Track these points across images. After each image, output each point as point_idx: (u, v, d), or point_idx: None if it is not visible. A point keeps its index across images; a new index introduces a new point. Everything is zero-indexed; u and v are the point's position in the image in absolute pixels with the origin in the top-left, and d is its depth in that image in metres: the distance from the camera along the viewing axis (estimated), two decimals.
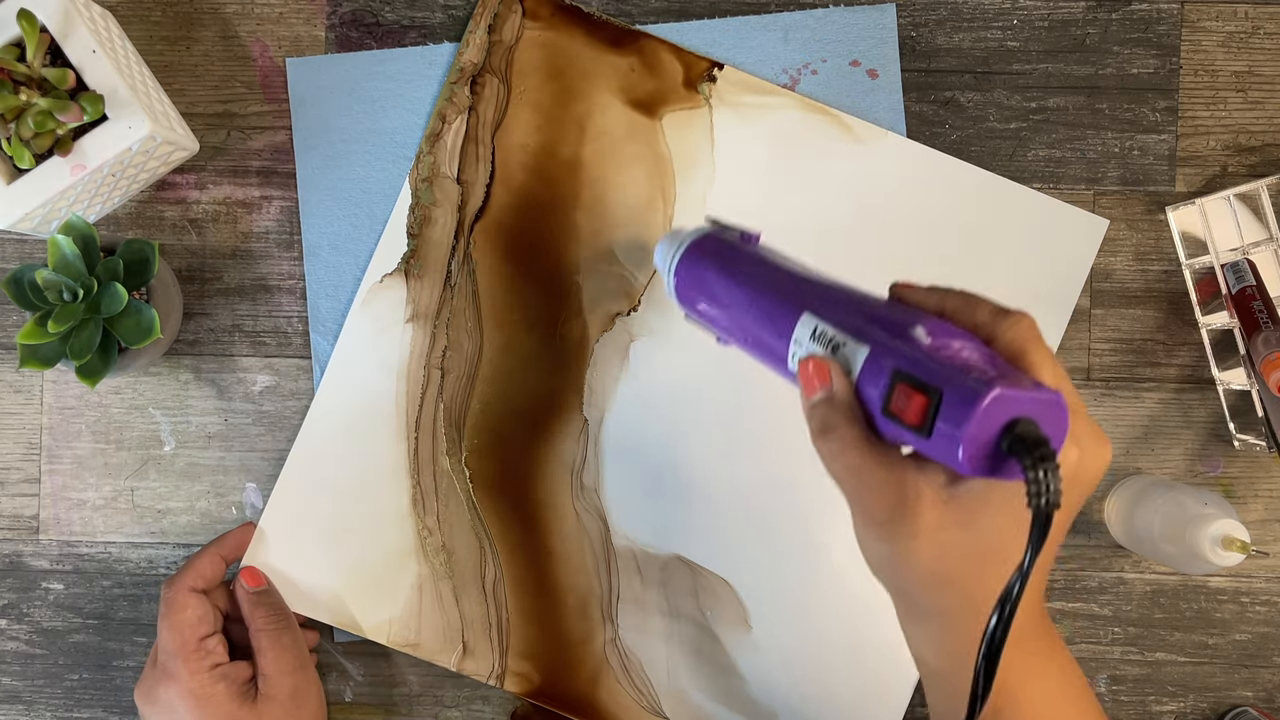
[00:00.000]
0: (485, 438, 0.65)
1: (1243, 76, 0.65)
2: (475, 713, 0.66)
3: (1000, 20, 0.65)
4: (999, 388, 0.34)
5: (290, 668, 0.59)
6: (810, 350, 0.42)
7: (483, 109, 0.65)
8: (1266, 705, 0.65)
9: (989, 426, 0.34)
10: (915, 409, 0.36)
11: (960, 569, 0.38)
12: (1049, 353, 0.38)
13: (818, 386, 0.41)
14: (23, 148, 0.54)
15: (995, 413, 0.34)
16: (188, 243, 0.66)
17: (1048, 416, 0.35)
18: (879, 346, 0.39)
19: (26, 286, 0.56)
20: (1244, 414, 0.63)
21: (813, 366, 0.41)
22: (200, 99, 0.66)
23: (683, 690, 0.64)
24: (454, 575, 0.65)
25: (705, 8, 0.65)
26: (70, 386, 0.66)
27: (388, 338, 0.65)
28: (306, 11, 0.66)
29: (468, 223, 0.65)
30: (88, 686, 0.67)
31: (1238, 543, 0.55)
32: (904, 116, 0.65)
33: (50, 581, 0.66)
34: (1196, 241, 0.64)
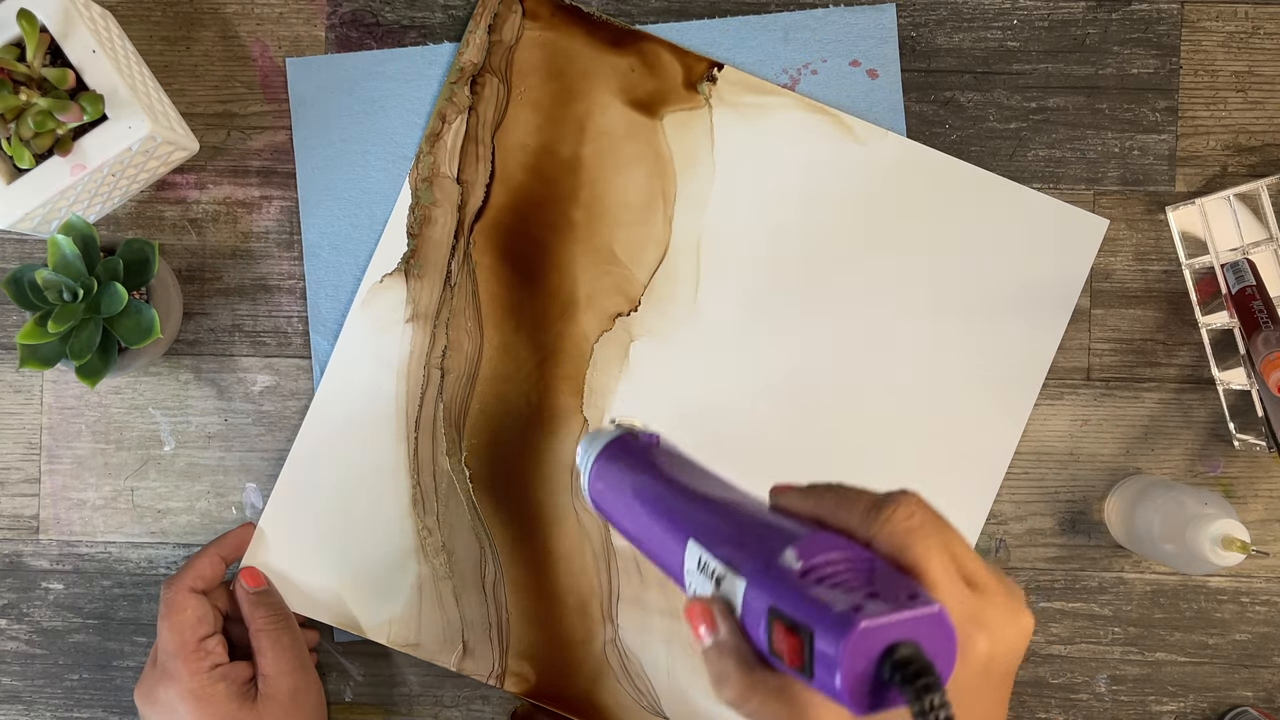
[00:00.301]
0: (485, 437, 0.65)
1: (1243, 76, 0.65)
2: (475, 713, 0.66)
3: (1000, 20, 0.65)
4: (864, 620, 0.32)
5: (290, 668, 0.59)
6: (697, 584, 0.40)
7: (483, 109, 0.65)
8: (1266, 705, 0.65)
9: (864, 659, 0.32)
10: (792, 650, 0.34)
11: None
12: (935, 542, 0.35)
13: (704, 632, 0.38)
14: (23, 148, 0.54)
15: (867, 644, 0.32)
16: (188, 243, 0.66)
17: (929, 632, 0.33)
18: (754, 581, 0.36)
19: (26, 286, 0.56)
20: (1244, 414, 0.63)
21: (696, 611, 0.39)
22: (200, 99, 0.66)
23: (683, 690, 0.64)
24: (454, 575, 0.65)
25: (705, 8, 0.65)
26: (70, 386, 0.66)
27: (388, 338, 0.65)
28: (306, 11, 0.66)
29: (468, 223, 0.65)
30: (88, 686, 0.67)
31: (1238, 543, 0.55)
32: (904, 116, 0.65)
33: (50, 581, 0.66)
34: (1196, 241, 0.64)
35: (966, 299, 0.65)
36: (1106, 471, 0.65)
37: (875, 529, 0.36)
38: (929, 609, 0.33)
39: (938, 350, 0.65)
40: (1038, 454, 0.65)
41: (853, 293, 0.65)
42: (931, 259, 0.65)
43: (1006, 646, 0.36)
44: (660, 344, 0.65)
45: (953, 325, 0.64)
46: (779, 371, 0.65)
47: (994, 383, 0.65)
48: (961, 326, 0.64)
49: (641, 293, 0.65)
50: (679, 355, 0.65)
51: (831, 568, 0.35)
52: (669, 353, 0.65)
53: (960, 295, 0.64)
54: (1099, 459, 0.65)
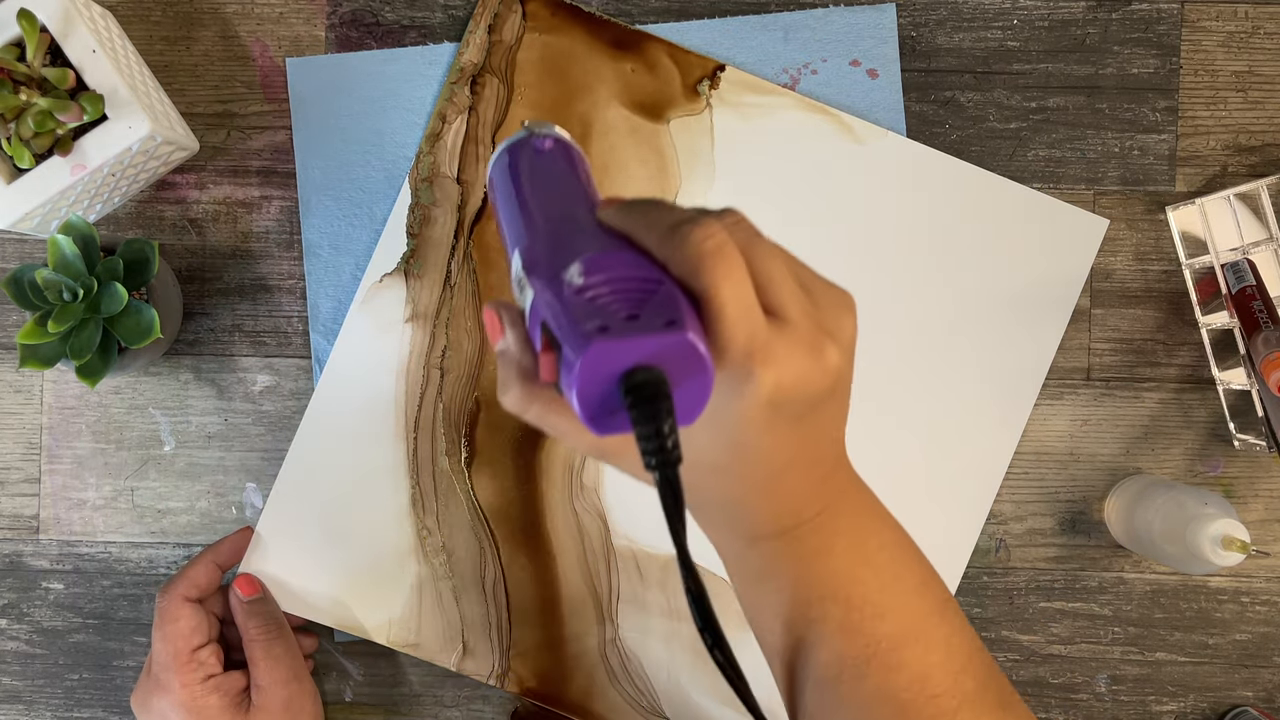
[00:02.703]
0: (485, 438, 0.65)
1: (1243, 76, 0.65)
2: (475, 713, 0.66)
3: (1000, 20, 0.65)
4: (599, 340, 0.31)
5: (283, 679, 0.59)
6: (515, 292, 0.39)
7: (483, 109, 0.65)
8: (1266, 705, 0.65)
9: (600, 380, 0.31)
10: (548, 365, 0.33)
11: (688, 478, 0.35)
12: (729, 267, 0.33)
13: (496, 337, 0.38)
14: (23, 148, 0.54)
15: (603, 365, 0.31)
16: (188, 243, 0.66)
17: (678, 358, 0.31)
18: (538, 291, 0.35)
19: (26, 286, 0.56)
20: (1244, 414, 0.63)
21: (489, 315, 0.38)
22: (200, 99, 0.66)
23: (683, 690, 0.64)
24: (454, 575, 0.64)
25: (705, 8, 0.65)
26: (70, 386, 0.66)
27: (387, 337, 0.65)
28: (306, 11, 0.66)
29: (467, 223, 0.65)
30: (88, 686, 0.67)
31: (1238, 543, 0.55)
32: (904, 116, 0.65)
33: (50, 581, 0.66)
34: (1196, 241, 0.64)
35: (966, 299, 0.65)
36: (1106, 471, 0.65)
37: (670, 249, 0.34)
38: (673, 335, 0.31)
39: (938, 350, 0.65)
40: (1038, 454, 0.65)
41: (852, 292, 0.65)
42: (931, 259, 0.65)
43: (795, 380, 0.34)
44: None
45: (953, 325, 0.64)
46: None
47: (994, 382, 0.65)
48: (961, 326, 0.64)
49: None
50: None
51: (608, 287, 0.33)
52: None
53: (960, 295, 0.64)
54: (1099, 459, 0.65)
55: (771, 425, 0.35)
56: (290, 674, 0.59)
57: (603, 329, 0.31)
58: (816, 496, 0.40)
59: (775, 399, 0.34)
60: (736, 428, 0.35)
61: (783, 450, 0.37)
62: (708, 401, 0.32)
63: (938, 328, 0.65)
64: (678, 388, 0.31)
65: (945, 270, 0.65)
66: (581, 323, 0.32)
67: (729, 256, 0.33)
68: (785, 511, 0.39)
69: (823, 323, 0.35)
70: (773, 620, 0.41)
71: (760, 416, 0.34)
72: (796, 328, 0.34)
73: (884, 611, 0.40)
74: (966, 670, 0.40)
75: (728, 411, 0.34)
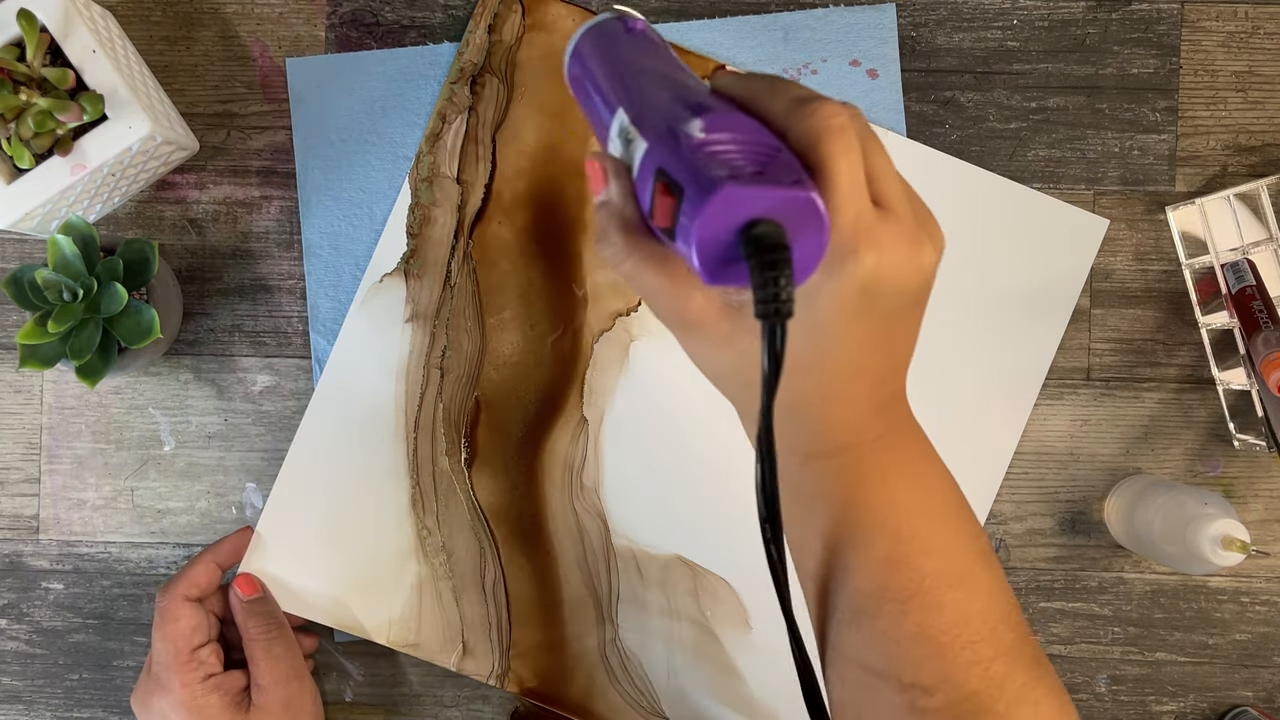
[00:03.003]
0: (485, 438, 0.65)
1: (1243, 76, 0.65)
2: (475, 713, 0.66)
3: (1000, 20, 0.65)
4: (729, 185, 0.31)
5: (283, 678, 0.59)
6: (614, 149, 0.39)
7: (483, 109, 0.65)
8: (1266, 705, 0.65)
9: (722, 228, 0.31)
10: (664, 210, 0.33)
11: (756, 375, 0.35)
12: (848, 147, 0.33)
13: (599, 188, 0.38)
14: (23, 148, 0.54)
15: (728, 213, 0.31)
16: (188, 243, 0.66)
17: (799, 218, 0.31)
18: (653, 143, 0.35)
19: (26, 286, 0.56)
20: (1244, 414, 0.63)
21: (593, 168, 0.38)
22: (200, 99, 0.66)
23: (683, 690, 0.64)
24: (454, 575, 0.65)
25: (705, 8, 0.65)
26: (70, 386, 0.66)
27: (387, 338, 0.65)
28: (306, 11, 0.66)
29: (467, 223, 0.65)
30: (88, 686, 0.67)
31: (1238, 543, 0.55)
32: (904, 116, 0.65)
33: (50, 581, 0.66)
34: (1196, 241, 0.64)
35: (966, 299, 0.65)
36: (1106, 471, 0.65)
37: (794, 120, 0.34)
38: (800, 191, 0.31)
39: (937, 350, 0.65)
40: (1038, 454, 0.65)
41: None
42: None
43: (894, 271, 0.35)
44: (660, 344, 0.65)
45: (953, 325, 0.64)
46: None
47: (994, 383, 0.65)
48: (961, 326, 0.64)
49: None
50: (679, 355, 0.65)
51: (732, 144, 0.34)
52: (669, 353, 0.65)
53: (960, 295, 0.64)
54: (1099, 459, 0.65)
55: (858, 315, 0.35)
56: (290, 673, 0.59)
57: (731, 177, 0.31)
58: (878, 418, 0.40)
59: (870, 284, 0.34)
60: (825, 310, 0.35)
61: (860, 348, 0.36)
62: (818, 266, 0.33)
63: (938, 328, 0.65)
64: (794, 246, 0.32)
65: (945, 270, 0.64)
66: (708, 169, 0.32)
67: (850, 136, 0.33)
68: (846, 425, 0.39)
69: (924, 223, 0.36)
70: (814, 541, 0.41)
71: (852, 300, 0.34)
72: (901, 219, 0.35)
73: (931, 549, 0.39)
74: (1006, 622, 0.39)
75: (822, 292, 0.34)
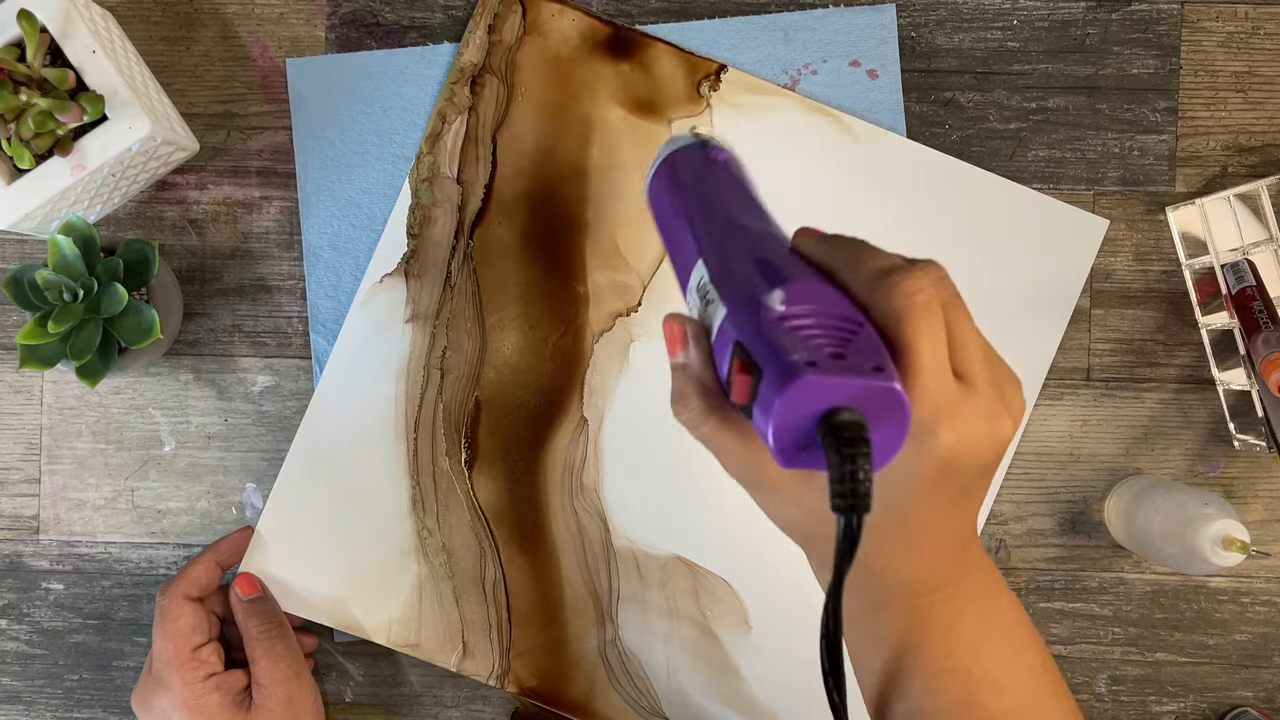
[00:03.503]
0: (485, 438, 0.65)
1: (1243, 76, 0.65)
2: (475, 713, 0.66)
3: (1000, 20, 0.65)
4: (811, 374, 0.30)
5: (284, 677, 0.59)
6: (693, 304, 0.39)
7: (483, 109, 0.65)
8: (1266, 705, 0.65)
9: (800, 414, 0.31)
10: (741, 387, 0.33)
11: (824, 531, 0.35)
12: (931, 323, 0.33)
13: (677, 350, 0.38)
14: (23, 148, 0.54)
15: (807, 398, 0.31)
16: (188, 243, 0.66)
17: (881, 407, 0.31)
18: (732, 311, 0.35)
19: (26, 286, 0.56)
20: (1244, 414, 0.63)
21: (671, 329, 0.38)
22: (200, 99, 0.66)
23: (682, 690, 0.64)
24: (454, 575, 0.64)
25: (705, 8, 0.65)
26: (70, 386, 0.66)
27: (387, 338, 0.65)
28: (306, 11, 0.66)
29: (467, 223, 0.65)
30: (88, 686, 0.67)
31: (1238, 543, 0.55)
32: (904, 116, 0.65)
33: (50, 581, 0.66)
34: (1196, 241, 0.64)
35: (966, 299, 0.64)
36: (1106, 471, 0.65)
37: (876, 295, 0.34)
38: (883, 382, 0.31)
39: None
40: (1038, 454, 0.65)
41: None
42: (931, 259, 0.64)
43: (972, 446, 0.34)
44: (660, 344, 0.65)
45: None
46: None
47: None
48: None
49: (642, 293, 0.65)
50: None
51: (813, 320, 0.33)
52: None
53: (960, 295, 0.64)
54: (1099, 459, 0.65)
55: (935, 487, 0.35)
56: (291, 672, 0.59)
57: (810, 363, 0.31)
58: (951, 567, 0.40)
59: (950, 461, 0.34)
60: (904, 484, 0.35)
61: (936, 515, 0.37)
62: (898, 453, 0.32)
63: None
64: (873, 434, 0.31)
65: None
66: (789, 353, 0.32)
67: (934, 313, 0.33)
68: (919, 578, 0.39)
69: (1003, 394, 0.36)
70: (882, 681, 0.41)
71: (931, 475, 0.34)
72: (982, 394, 0.35)
73: (1002, 686, 0.40)
74: None
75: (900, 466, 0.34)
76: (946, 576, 0.40)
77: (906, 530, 0.37)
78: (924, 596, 0.40)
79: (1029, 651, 0.42)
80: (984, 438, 0.35)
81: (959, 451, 0.34)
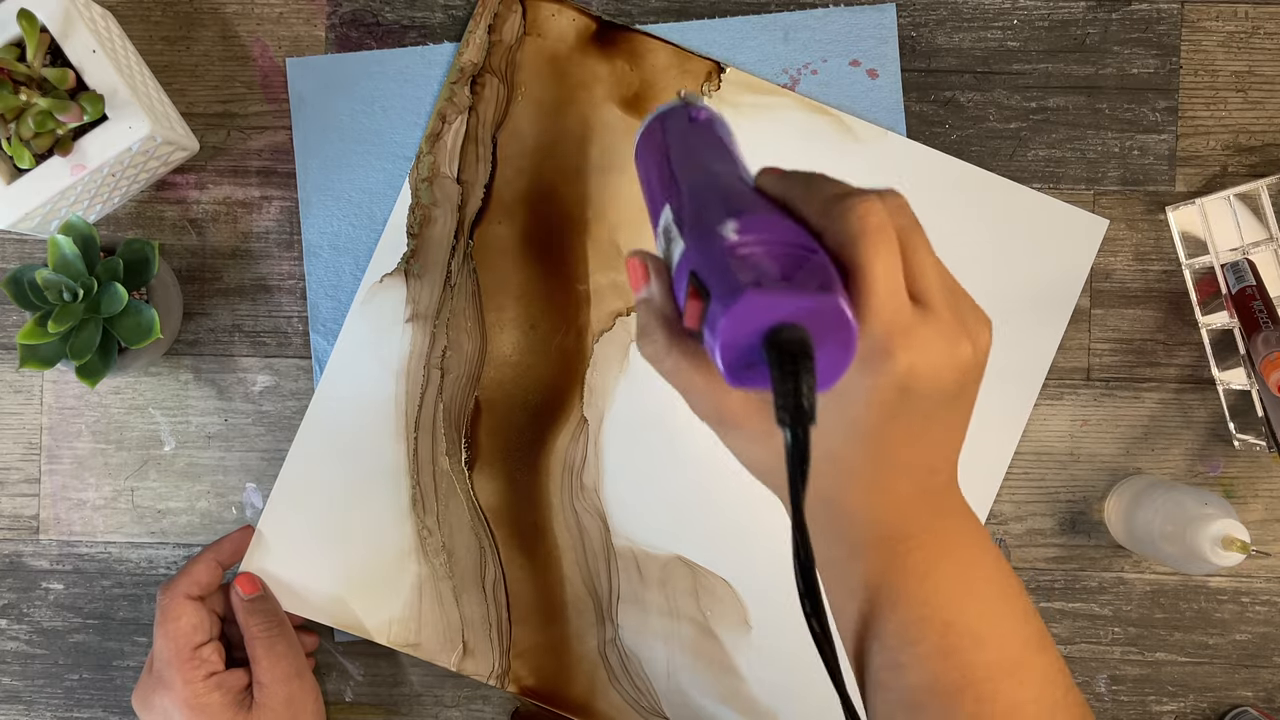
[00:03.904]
0: (485, 438, 0.65)
1: (1243, 76, 0.65)
2: (475, 713, 0.66)
3: (1000, 20, 0.65)
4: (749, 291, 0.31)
5: (285, 676, 0.59)
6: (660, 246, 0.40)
7: (483, 109, 0.65)
8: (1266, 705, 0.65)
9: (745, 333, 0.31)
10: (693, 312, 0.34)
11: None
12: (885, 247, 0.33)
13: (639, 285, 0.38)
14: (23, 148, 0.54)
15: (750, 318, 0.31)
16: (188, 243, 0.66)
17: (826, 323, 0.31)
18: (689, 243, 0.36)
19: (26, 286, 0.56)
20: (1244, 414, 0.63)
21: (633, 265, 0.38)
22: (200, 99, 0.66)
23: (682, 690, 0.64)
24: (454, 575, 0.65)
25: (705, 8, 0.65)
26: (70, 386, 0.66)
27: (387, 338, 0.65)
28: (306, 11, 0.66)
29: (467, 223, 0.65)
30: (88, 686, 0.67)
31: (1238, 543, 0.55)
32: (904, 116, 0.65)
33: (50, 581, 0.66)
34: (1196, 241, 0.64)
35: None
36: (1106, 471, 0.65)
37: (829, 220, 0.34)
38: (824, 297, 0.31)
39: None
40: (1038, 454, 0.65)
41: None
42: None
43: (929, 368, 0.34)
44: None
45: None
46: None
47: (994, 382, 0.65)
48: None
49: None
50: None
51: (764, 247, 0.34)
52: None
53: None
54: (1099, 459, 0.65)
55: (896, 413, 0.35)
56: (292, 671, 0.59)
57: (756, 282, 0.31)
58: (926, 509, 0.39)
59: (907, 383, 0.34)
60: (863, 409, 0.35)
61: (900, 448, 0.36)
62: (845, 371, 0.33)
63: None
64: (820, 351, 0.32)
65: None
66: (735, 273, 0.32)
67: (887, 235, 0.33)
68: (893, 518, 0.39)
69: (963, 321, 0.36)
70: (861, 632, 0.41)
71: (889, 399, 0.34)
72: (939, 317, 0.35)
73: (983, 640, 0.39)
74: (1060, 706, 0.39)
75: (859, 391, 0.34)
76: (920, 523, 0.39)
77: (871, 464, 0.37)
78: (900, 543, 0.39)
79: (1011, 603, 0.41)
80: (941, 360, 0.35)
81: (916, 372, 0.34)
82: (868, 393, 0.34)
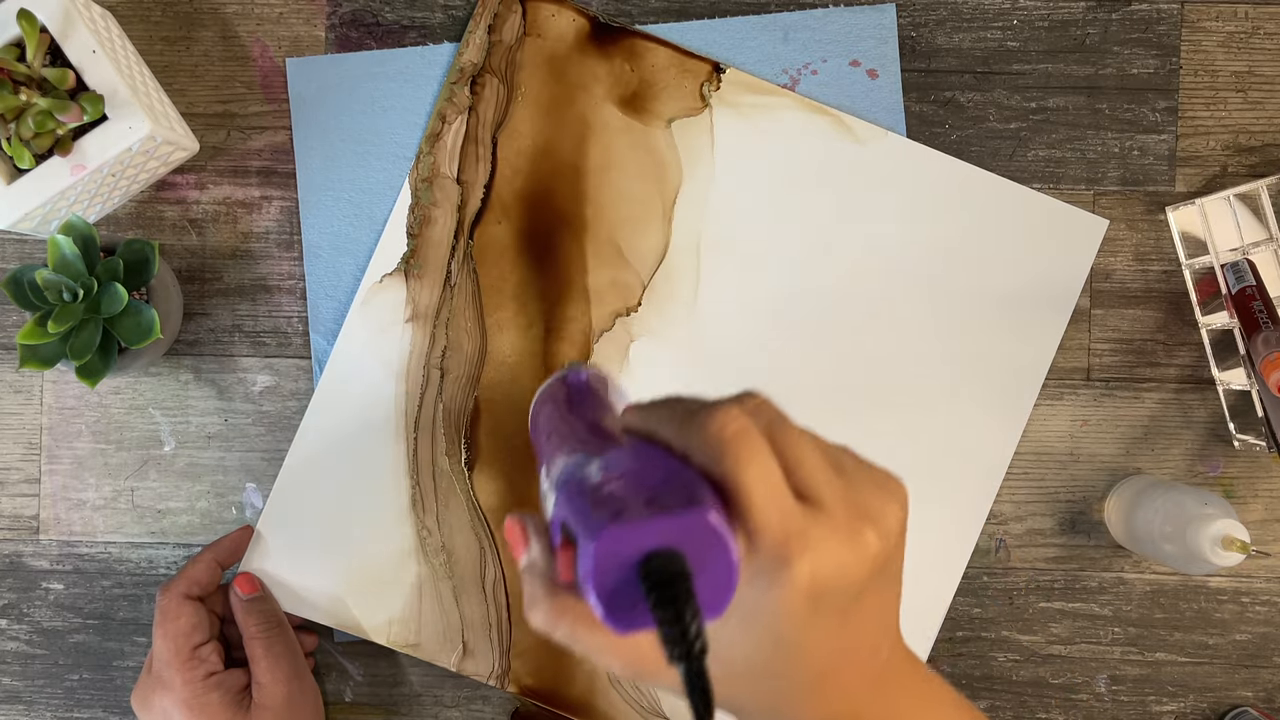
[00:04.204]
0: (485, 438, 0.65)
1: (1243, 76, 0.65)
2: (475, 713, 0.66)
3: (1000, 20, 0.65)
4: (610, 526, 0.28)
5: (284, 676, 0.59)
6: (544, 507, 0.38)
7: (483, 109, 0.65)
8: (1266, 705, 0.65)
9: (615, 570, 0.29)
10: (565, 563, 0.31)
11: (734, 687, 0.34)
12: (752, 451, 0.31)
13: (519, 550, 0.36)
14: (23, 148, 0.54)
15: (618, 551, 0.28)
16: (188, 243, 0.66)
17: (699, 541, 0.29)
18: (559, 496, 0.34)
19: (26, 286, 0.56)
20: (1244, 414, 0.63)
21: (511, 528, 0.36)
22: (200, 99, 0.66)
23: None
24: (454, 575, 0.65)
25: (705, 8, 0.65)
26: (70, 386, 0.66)
27: (387, 338, 0.65)
28: (306, 11, 0.66)
29: (467, 223, 0.65)
30: (88, 686, 0.67)
31: (1238, 543, 0.55)
32: (904, 116, 0.65)
33: (50, 581, 0.66)
34: (1196, 241, 0.64)
35: (967, 299, 0.65)
36: (1106, 471, 0.65)
37: (691, 440, 0.32)
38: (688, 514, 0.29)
39: (938, 350, 0.65)
40: (1038, 454, 0.65)
41: (852, 293, 0.65)
42: (931, 259, 0.64)
43: (833, 569, 0.31)
44: (660, 344, 0.65)
45: (953, 325, 0.64)
46: (778, 371, 0.65)
47: (994, 383, 0.65)
48: (961, 326, 0.64)
49: (641, 292, 0.65)
50: (679, 355, 0.65)
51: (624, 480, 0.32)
52: (669, 353, 0.65)
53: (960, 295, 0.64)
54: (1099, 459, 0.65)
55: (813, 619, 0.32)
56: (291, 671, 0.59)
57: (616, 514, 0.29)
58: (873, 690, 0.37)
59: (814, 590, 0.31)
60: (777, 623, 0.32)
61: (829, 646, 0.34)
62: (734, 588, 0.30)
63: (938, 328, 0.65)
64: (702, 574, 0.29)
65: (945, 270, 0.65)
66: (595, 512, 0.30)
67: (751, 440, 0.31)
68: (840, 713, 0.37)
69: (861, 506, 0.33)
70: None
71: (801, 609, 0.32)
72: (831, 513, 0.32)
73: None
74: None
75: (766, 605, 0.32)
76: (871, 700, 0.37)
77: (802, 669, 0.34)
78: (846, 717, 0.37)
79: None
80: (844, 558, 0.32)
81: (820, 578, 0.31)
82: (777, 605, 0.32)
